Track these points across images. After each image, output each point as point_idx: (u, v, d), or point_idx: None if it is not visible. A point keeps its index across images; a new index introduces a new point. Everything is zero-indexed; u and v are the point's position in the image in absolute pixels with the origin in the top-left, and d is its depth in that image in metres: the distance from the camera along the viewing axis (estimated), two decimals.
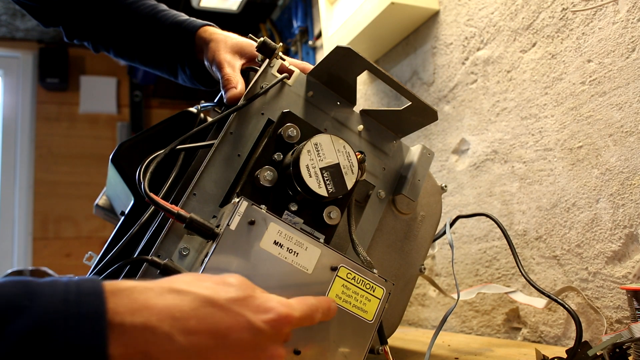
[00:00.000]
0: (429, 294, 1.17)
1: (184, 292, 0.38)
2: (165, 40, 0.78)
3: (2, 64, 2.46)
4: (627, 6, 0.74)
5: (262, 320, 0.39)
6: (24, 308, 0.32)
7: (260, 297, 0.41)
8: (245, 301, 0.40)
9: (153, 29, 0.78)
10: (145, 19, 0.78)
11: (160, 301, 0.36)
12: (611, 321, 0.74)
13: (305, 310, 0.44)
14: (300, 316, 0.43)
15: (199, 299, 0.38)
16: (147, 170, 0.56)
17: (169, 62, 0.79)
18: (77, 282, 0.35)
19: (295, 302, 0.44)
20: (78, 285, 0.34)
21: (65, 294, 0.33)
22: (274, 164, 0.59)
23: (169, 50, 0.78)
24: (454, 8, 1.11)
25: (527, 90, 0.91)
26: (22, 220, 2.36)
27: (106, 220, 0.94)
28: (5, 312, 0.31)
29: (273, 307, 0.41)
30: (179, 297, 0.37)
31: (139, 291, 0.36)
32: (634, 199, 0.72)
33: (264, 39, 0.63)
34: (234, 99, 0.64)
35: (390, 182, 0.69)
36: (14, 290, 0.33)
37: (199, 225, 0.50)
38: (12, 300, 0.32)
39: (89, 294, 0.34)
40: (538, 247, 0.88)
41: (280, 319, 0.40)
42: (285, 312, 0.41)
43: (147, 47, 0.80)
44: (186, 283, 0.39)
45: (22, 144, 2.41)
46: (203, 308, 0.37)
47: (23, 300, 0.32)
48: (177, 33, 0.76)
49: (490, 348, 0.82)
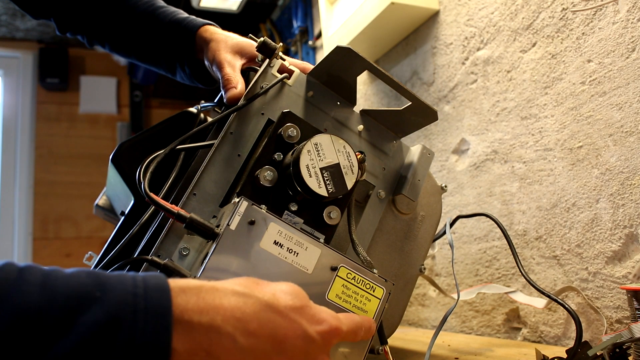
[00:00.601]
0: (429, 294, 1.17)
1: (247, 296, 0.39)
2: (164, 38, 0.77)
3: (2, 64, 2.46)
4: (627, 6, 0.74)
5: (316, 330, 0.41)
6: (95, 299, 0.32)
7: (314, 307, 0.43)
8: (302, 310, 0.41)
9: (151, 26, 0.77)
10: (143, 15, 0.78)
11: (226, 302, 0.37)
12: (611, 321, 0.74)
13: (352, 326, 0.46)
14: (347, 330, 0.45)
15: (261, 303, 0.39)
16: (147, 170, 0.56)
17: (168, 59, 0.79)
18: (143, 277, 0.36)
19: (343, 317, 0.45)
20: (145, 280, 0.35)
21: (134, 287, 0.34)
22: (274, 164, 0.59)
23: (168, 49, 0.77)
24: (454, 8, 1.11)
25: (527, 90, 0.91)
26: (22, 220, 2.36)
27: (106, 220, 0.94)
28: (78, 301, 0.32)
29: (325, 319, 0.42)
30: (242, 300, 0.38)
31: (206, 290, 0.37)
32: (634, 199, 0.72)
33: (264, 39, 0.63)
34: (234, 99, 0.64)
35: (390, 182, 0.69)
36: (86, 280, 0.33)
37: (199, 225, 0.50)
38: (84, 290, 0.33)
39: (157, 290, 0.35)
40: (538, 247, 0.88)
41: (331, 330, 0.42)
42: (335, 325, 0.43)
43: (145, 43, 0.79)
44: (248, 287, 0.40)
45: (22, 144, 2.41)
46: (264, 312, 0.39)
47: (95, 292, 0.33)
48: (177, 32, 0.76)
49: (490, 348, 0.82)
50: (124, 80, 2.58)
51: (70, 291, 0.32)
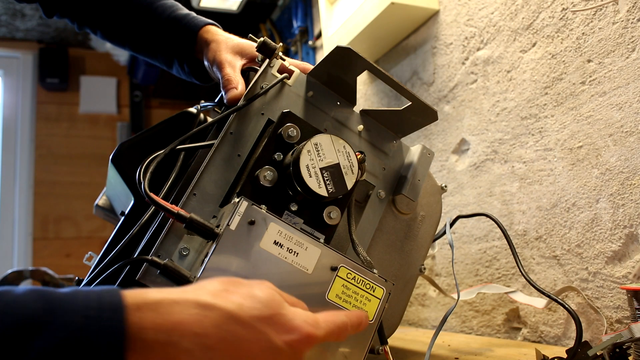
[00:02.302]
0: (429, 294, 1.17)
1: (209, 308, 0.37)
2: (162, 34, 0.76)
3: (2, 64, 2.46)
4: (627, 6, 0.74)
5: (284, 340, 0.39)
6: (44, 324, 0.31)
7: (287, 314, 0.40)
8: (271, 319, 0.39)
9: (149, 20, 0.76)
10: (139, 7, 0.76)
11: (186, 316, 0.36)
12: (611, 321, 0.74)
13: (333, 329, 0.44)
14: (324, 335, 0.42)
15: (224, 315, 0.37)
16: (147, 170, 0.56)
17: (166, 54, 0.78)
18: (98, 294, 0.34)
19: (322, 318, 0.43)
20: (100, 298, 0.34)
21: (85, 309, 0.33)
22: (274, 164, 0.59)
23: (167, 45, 0.77)
24: (454, 8, 1.11)
25: (527, 90, 0.91)
26: (22, 220, 2.36)
27: (106, 220, 0.94)
28: (26, 328, 0.31)
29: (297, 327, 0.40)
30: (203, 313, 0.37)
31: (166, 305, 0.36)
32: (634, 199, 0.72)
33: (264, 39, 0.63)
34: (234, 99, 0.64)
35: (390, 182, 0.69)
36: (34, 304, 0.32)
37: (199, 225, 0.50)
38: (32, 315, 0.31)
39: (110, 309, 0.33)
40: (538, 247, 0.88)
41: (302, 339, 0.40)
42: (308, 332, 0.40)
43: (141, 36, 0.78)
44: (213, 295, 0.38)
45: (22, 144, 2.41)
46: (226, 325, 0.37)
47: (44, 316, 0.32)
48: (177, 29, 0.75)
49: (490, 348, 0.82)
50: (124, 81, 2.58)
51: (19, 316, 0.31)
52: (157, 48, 0.78)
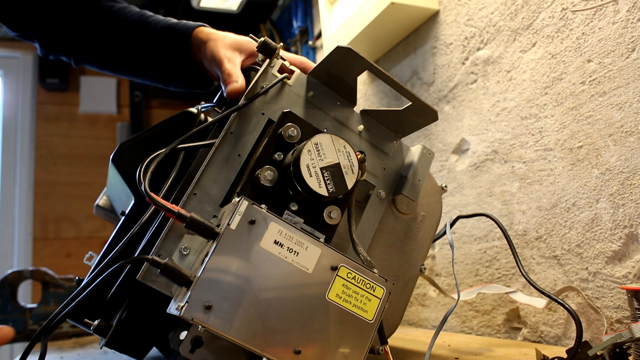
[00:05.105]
0: (429, 294, 1.17)
1: None
2: (157, 45, 0.76)
3: (2, 64, 2.46)
4: (627, 6, 0.74)
5: None
6: None
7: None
8: None
9: (143, 35, 0.77)
10: (134, 25, 0.77)
11: None
12: (611, 321, 0.74)
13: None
14: None
15: None
16: (147, 170, 0.56)
17: (161, 67, 0.78)
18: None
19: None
20: None
21: None
22: (274, 164, 0.59)
23: (162, 55, 0.77)
24: (454, 8, 1.11)
25: (527, 90, 0.91)
26: (22, 220, 2.36)
27: (106, 220, 0.94)
28: None
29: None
30: None
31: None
32: (634, 199, 0.72)
33: (265, 39, 0.63)
34: (235, 92, 0.64)
35: (391, 182, 0.69)
36: None
37: (199, 224, 0.50)
38: None
39: None
40: (538, 247, 0.88)
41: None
42: None
43: (136, 54, 0.78)
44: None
45: (22, 144, 2.41)
46: None
47: None
48: (171, 36, 0.75)
49: (490, 348, 0.82)
50: (124, 81, 2.58)
51: None
52: (152, 62, 0.78)
